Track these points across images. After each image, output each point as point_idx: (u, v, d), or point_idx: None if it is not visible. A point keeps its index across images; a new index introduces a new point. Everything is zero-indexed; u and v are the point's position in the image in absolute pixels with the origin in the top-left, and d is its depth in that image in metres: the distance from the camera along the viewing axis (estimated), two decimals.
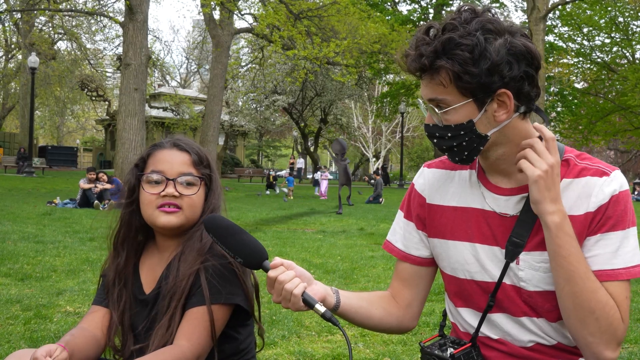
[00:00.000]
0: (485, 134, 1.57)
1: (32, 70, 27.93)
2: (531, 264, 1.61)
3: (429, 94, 1.57)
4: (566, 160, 1.63)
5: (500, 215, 1.65)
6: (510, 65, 1.49)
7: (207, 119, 25.38)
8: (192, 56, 58.94)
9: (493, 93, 1.52)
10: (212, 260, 1.85)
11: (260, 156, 71.18)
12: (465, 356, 1.62)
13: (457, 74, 1.49)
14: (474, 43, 1.47)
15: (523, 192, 1.63)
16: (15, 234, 9.03)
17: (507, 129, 1.58)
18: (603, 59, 37.16)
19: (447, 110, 1.55)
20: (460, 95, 1.53)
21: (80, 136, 69.71)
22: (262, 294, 2.09)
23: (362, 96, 45.66)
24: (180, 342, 1.78)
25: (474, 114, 1.54)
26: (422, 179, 1.87)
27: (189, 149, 1.96)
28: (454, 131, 1.57)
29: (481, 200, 1.70)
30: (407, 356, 3.82)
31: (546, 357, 1.64)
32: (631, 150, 51.07)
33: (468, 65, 1.47)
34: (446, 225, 1.75)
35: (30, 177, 27.99)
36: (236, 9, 24.35)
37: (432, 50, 1.50)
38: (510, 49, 1.49)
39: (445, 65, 1.49)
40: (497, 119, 1.56)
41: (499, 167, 1.66)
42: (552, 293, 1.59)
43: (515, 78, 1.50)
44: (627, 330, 4.42)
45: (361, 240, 10.11)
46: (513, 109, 1.55)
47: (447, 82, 1.52)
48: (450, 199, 1.77)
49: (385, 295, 1.88)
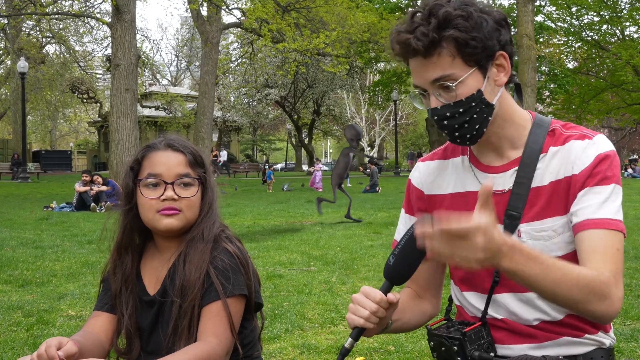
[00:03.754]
0: (492, 102, 1.62)
1: (21, 75, 27.79)
2: (531, 234, 1.64)
3: (434, 74, 1.58)
4: (552, 131, 1.68)
5: (495, 193, 1.67)
6: (500, 30, 1.59)
7: (199, 116, 25.34)
8: (181, 54, 58.81)
9: (493, 57, 1.59)
10: (219, 256, 1.87)
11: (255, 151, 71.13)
12: (476, 334, 1.63)
13: (465, 41, 1.54)
14: (468, 13, 1.54)
15: (514, 165, 1.68)
16: (13, 240, 9.00)
17: (501, 99, 1.65)
18: (593, 37, 37.13)
19: (457, 84, 1.58)
20: (466, 65, 1.57)
21: (73, 139, 69.54)
22: (263, 287, 2.09)
23: (354, 86, 45.60)
24: (209, 339, 1.79)
25: (480, 82, 1.60)
26: (417, 172, 1.90)
27: (183, 150, 1.95)
28: (466, 105, 1.60)
29: (476, 182, 1.73)
30: (411, 343, 3.82)
31: (552, 335, 1.65)
32: (625, 128, 51.18)
33: (471, 31, 1.54)
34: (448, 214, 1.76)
35: (26, 182, 27.92)
36: (223, 4, 24.27)
37: (435, 25, 1.54)
38: (494, 19, 1.59)
39: (453, 34, 1.53)
40: (498, 83, 1.63)
41: (490, 144, 1.70)
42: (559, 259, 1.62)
43: (507, 41, 1.61)
44: (630, 306, 4.46)
45: (360, 230, 10.11)
46: (510, 71, 1.63)
47: (454, 53, 1.56)
48: (447, 186, 1.80)
49: (412, 295, 1.92)
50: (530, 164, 1.65)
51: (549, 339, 1.65)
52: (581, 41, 37.43)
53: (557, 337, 1.65)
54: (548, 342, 1.65)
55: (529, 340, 1.66)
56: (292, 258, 7.32)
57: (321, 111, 46.48)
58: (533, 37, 22.24)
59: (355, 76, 42.18)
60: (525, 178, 1.64)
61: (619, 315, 4.30)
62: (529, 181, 1.64)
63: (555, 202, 1.63)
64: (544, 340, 1.65)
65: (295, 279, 5.96)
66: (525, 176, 1.65)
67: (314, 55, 24.90)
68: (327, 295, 5.24)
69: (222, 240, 1.93)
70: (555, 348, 1.64)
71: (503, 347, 1.69)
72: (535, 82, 22.16)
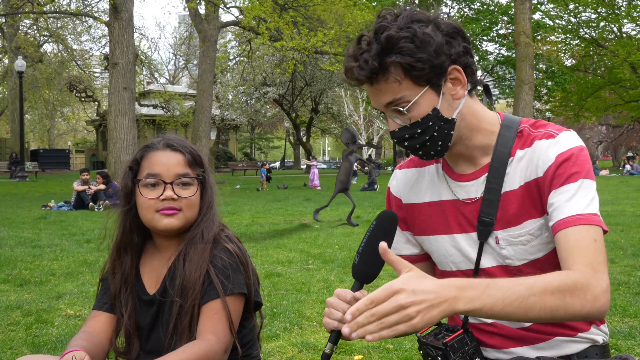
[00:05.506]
0: (452, 117, 1.59)
1: (19, 74, 27.77)
2: (509, 240, 1.63)
3: (385, 99, 1.57)
4: (521, 132, 1.65)
5: (467, 201, 1.68)
6: (451, 43, 1.54)
7: (197, 115, 25.33)
8: (179, 52, 58.75)
9: (445, 73, 1.55)
10: (219, 255, 1.88)
11: (253, 149, 71.12)
12: (458, 343, 1.62)
13: (410, 65, 1.50)
14: (412, 33, 1.50)
15: (484, 172, 1.66)
16: (11, 240, 9.00)
17: (464, 110, 1.61)
18: (590, 35, 37.15)
19: (410, 107, 1.55)
20: (416, 86, 1.54)
21: (71, 138, 69.50)
22: (262, 286, 2.09)
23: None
24: (208, 337, 1.80)
25: (434, 101, 1.56)
26: (395, 181, 1.89)
27: (182, 149, 1.96)
28: (423, 125, 1.57)
29: (449, 191, 1.72)
30: (410, 342, 3.83)
31: (544, 336, 1.64)
32: (622, 125, 51.20)
33: (415, 53, 1.50)
34: (425, 222, 1.78)
35: (24, 181, 27.90)
36: (221, 2, 24.25)
37: (376, 52, 1.51)
38: (442, 30, 1.54)
39: (395, 60, 1.50)
40: (455, 97, 1.58)
41: (461, 153, 1.68)
42: (539, 260, 1.62)
43: (459, 53, 1.56)
44: (628, 304, 4.46)
45: (358, 229, 10.12)
46: (467, 83, 1.59)
47: (402, 76, 1.53)
48: (424, 195, 1.80)
49: None
50: (500, 168, 1.63)
51: (542, 340, 1.64)
52: (579, 39, 37.46)
53: (549, 338, 1.64)
54: (541, 344, 1.64)
55: (522, 343, 1.66)
56: (291, 256, 7.32)
57: (319, 109, 46.47)
58: (530, 34, 22.22)
59: None
60: (495, 183, 1.63)
61: (617, 313, 4.31)
62: (499, 186, 1.63)
63: (528, 205, 1.61)
64: (536, 342, 1.65)
65: (294, 278, 5.97)
66: (495, 181, 1.63)
67: (311, 54, 24.87)
68: (326, 294, 5.24)
69: (221, 239, 1.93)
70: (549, 350, 1.64)
71: (499, 351, 1.68)
72: (532, 79, 22.14)
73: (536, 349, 1.65)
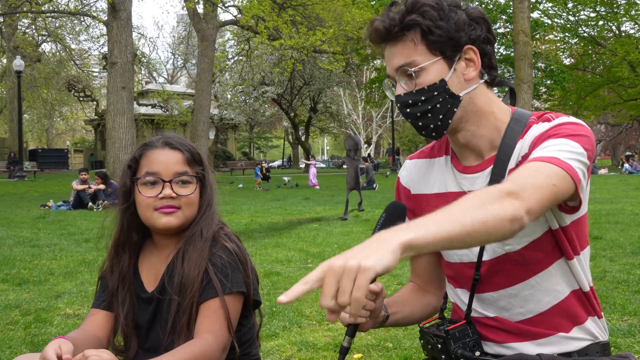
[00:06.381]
0: (458, 94, 1.60)
1: (18, 73, 27.73)
2: None
3: (398, 62, 1.60)
4: (529, 124, 1.65)
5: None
6: (474, 26, 1.59)
7: (196, 114, 25.33)
8: (178, 51, 58.67)
9: (461, 49, 1.58)
10: (218, 253, 1.88)
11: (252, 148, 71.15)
12: (460, 332, 1.63)
13: (428, 28, 1.55)
14: (439, 4, 1.56)
15: (490, 164, 1.66)
16: (10, 239, 8.99)
17: (476, 96, 1.63)
18: (589, 34, 37.16)
19: (419, 72, 1.59)
20: (430, 54, 1.58)
21: (70, 137, 69.40)
22: (261, 285, 2.09)
23: (350, 83, 45.57)
24: (205, 336, 1.79)
25: (444, 72, 1.59)
26: (405, 171, 1.90)
27: (181, 147, 1.95)
28: (428, 93, 1.59)
29: (456, 183, 1.73)
30: (409, 340, 3.83)
31: (544, 331, 1.64)
32: (621, 124, 51.23)
33: (437, 20, 1.55)
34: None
35: (22, 181, 27.86)
36: (220, 1, 24.26)
37: (401, 10, 1.57)
38: (469, 14, 1.59)
39: (416, 19, 1.55)
40: (466, 78, 1.61)
41: (471, 145, 1.69)
42: (538, 240, 1.61)
43: (479, 38, 1.59)
44: (628, 302, 4.46)
45: (357, 227, 10.11)
46: (480, 67, 1.61)
47: (418, 39, 1.57)
48: (432, 186, 1.80)
49: (415, 289, 1.92)
50: (505, 160, 1.63)
51: (543, 336, 1.64)
52: (577, 37, 37.46)
53: (550, 333, 1.64)
54: (542, 340, 1.64)
55: (522, 338, 1.66)
56: (290, 255, 7.32)
57: (318, 108, 46.47)
58: (529, 33, 22.21)
59: (352, 73, 42.12)
60: (499, 175, 1.62)
61: (616, 310, 4.31)
62: (502, 178, 1.61)
63: None
64: (537, 337, 1.64)
65: (293, 277, 5.96)
66: (499, 173, 1.63)
67: (310, 53, 24.90)
68: None
69: (220, 237, 1.93)
70: (549, 346, 1.64)
71: (499, 346, 1.68)
72: (531, 78, 22.12)
73: (537, 345, 1.65)
